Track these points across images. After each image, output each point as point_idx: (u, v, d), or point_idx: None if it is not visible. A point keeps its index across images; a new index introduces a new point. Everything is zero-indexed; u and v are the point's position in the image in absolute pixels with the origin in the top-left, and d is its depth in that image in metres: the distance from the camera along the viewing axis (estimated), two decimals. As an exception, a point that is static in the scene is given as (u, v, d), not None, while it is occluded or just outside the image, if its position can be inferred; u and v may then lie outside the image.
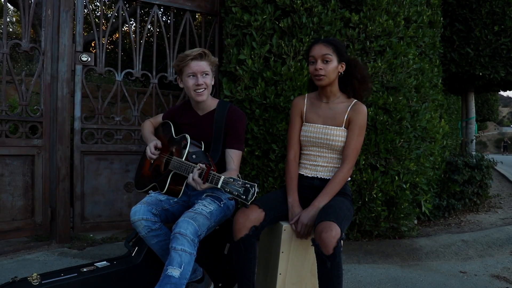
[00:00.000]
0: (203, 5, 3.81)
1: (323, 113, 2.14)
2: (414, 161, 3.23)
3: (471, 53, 4.74)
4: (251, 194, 1.69)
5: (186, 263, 1.83)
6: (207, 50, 2.17)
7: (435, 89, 3.79)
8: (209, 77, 2.17)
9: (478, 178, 4.42)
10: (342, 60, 2.09)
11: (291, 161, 2.20)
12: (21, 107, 3.18)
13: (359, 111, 2.08)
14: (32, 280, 1.98)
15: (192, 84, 2.14)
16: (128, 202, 3.60)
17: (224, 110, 2.20)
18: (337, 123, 2.10)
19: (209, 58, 2.16)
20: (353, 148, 2.07)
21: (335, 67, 2.06)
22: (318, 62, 2.05)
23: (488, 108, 11.79)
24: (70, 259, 2.98)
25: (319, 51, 2.06)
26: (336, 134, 2.09)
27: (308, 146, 2.17)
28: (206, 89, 2.16)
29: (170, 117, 2.43)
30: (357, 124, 2.07)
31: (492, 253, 3.25)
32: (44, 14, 3.25)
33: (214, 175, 1.80)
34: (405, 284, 2.66)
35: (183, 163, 2.05)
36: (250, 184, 1.70)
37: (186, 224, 1.87)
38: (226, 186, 1.74)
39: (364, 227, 3.25)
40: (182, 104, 2.43)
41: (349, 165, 2.07)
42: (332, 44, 2.07)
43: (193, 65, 2.12)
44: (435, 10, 3.99)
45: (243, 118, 2.24)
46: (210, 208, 2.03)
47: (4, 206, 3.11)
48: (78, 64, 3.37)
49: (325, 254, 1.75)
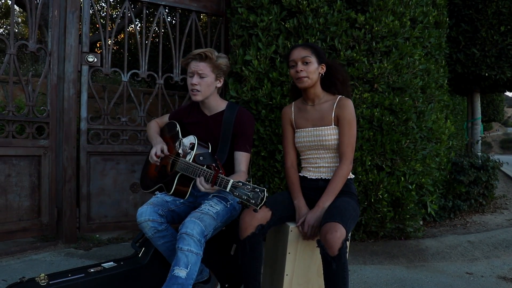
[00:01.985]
0: (209, 5, 3.82)
1: (311, 116, 2.17)
2: (420, 162, 3.22)
3: (477, 54, 4.72)
4: (260, 199, 1.68)
5: (192, 264, 1.83)
6: (213, 52, 2.16)
7: (441, 90, 3.78)
8: (207, 79, 2.16)
9: (484, 179, 4.39)
10: (322, 62, 2.13)
11: (289, 168, 2.24)
12: (27, 107, 3.19)
13: (344, 106, 2.10)
14: (39, 281, 1.99)
15: (189, 83, 2.18)
16: (134, 202, 3.61)
17: (233, 112, 2.21)
18: (326, 122, 2.13)
19: (211, 60, 2.15)
20: (346, 143, 2.09)
21: (316, 68, 2.10)
22: (298, 65, 2.09)
23: (494, 109, 11.72)
24: (76, 260, 2.99)
25: (298, 54, 2.10)
26: (327, 133, 2.11)
27: (305, 151, 2.20)
28: (200, 91, 2.16)
29: (177, 117, 2.42)
30: (345, 119, 2.09)
31: (499, 254, 3.24)
32: (51, 15, 3.27)
33: (222, 179, 1.79)
34: (411, 285, 2.65)
35: (190, 164, 2.04)
36: (260, 188, 1.69)
37: (192, 225, 1.87)
38: (235, 190, 1.73)
39: (370, 228, 3.24)
40: (190, 104, 2.42)
41: (347, 160, 2.08)
42: (310, 47, 2.13)
43: (192, 65, 2.16)
44: (441, 10, 3.98)
45: (252, 121, 2.25)
46: (217, 208, 2.04)
47: (11, 207, 3.13)
48: (84, 65, 3.39)
49: (330, 255, 1.75)
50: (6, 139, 3.08)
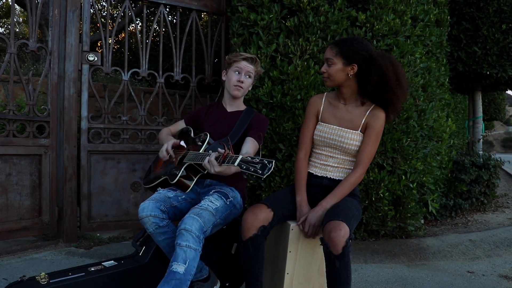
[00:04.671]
0: (209, 4, 3.81)
1: (340, 114, 2.12)
2: (421, 161, 3.21)
3: (478, 52, 4.71)
4: (267, 168, 1.64)
5: (191, 259, 1.85)
6: (258, 60, 2.42)
7: (442, 88, 3.77)
8: (250, 80, 2.40)
9: (485, 178, 4.39)
10: (351, 62, 2.01)
11: (301, 160, 2.18)
12: (28, 106, 3.19)
13: (377, 117, 2.04)
14: (40, 279, 1.99)
15: (235, 79, 2.34)
16: (134, 201, 3.61)
17: (250, 114, 2.39)
18: (354, 126, 2.08)
19: (257, 66, 2.40)
20: (367, 153, 2.05)
21: (338, 69, 2.03)
22: (325, 64, 2.09)
23: (495, 107, 11.71)
24: (77, 258, 2.99)
25: (326, 54, 2.09)
26: (351, 137, 2.06)
27: (320, 146, 2.16)
28: (243, 89, 2.37)
29: (194, 117, 2.53)
30: (375, 130, 2.04)
31: (500, 253, 3.23)
32: (51, 14, 3.26)
33: (231, 156, 1.77)
34: (412, 284, 2.65)
35: (199, 153, 2.08)
36: (268, 160, 1.66)
37: (191, 221, 1.89)
38: (243, 164, 1.69)
39: (371, 226, 3.24)
40: (208, 105, 2.59)
41: (362, 170, 2.05)
42: (337, 47, 2.03)
43: (243, 63, 2.35)
44: (442, 8, 3.96)
45: (267, 122, 2.43)
46: (216, 204, 2.06)
47: (11, 206, 3.13)
48: (85, 64, 3.38)
49: (334, 254, 1.75)
50: (6, 138, 3.08)
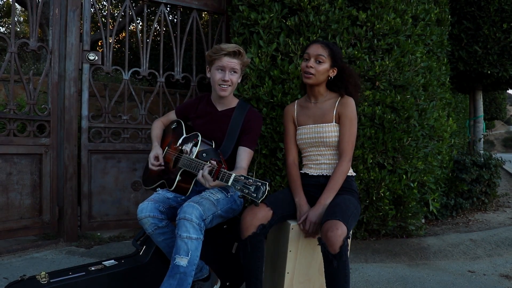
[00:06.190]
0: (210, 3, 3.81)
1: (313, 113, 2.19)
2: (422, 160, 3.21)
3: (479, 51, 4.70)
4: (261, 192, 1.65)
5: (193, 250, 1.84)
6: (242, 49, 2.19)
7: (442, 88, 3.76)
8: (237, 75, 2.21)
9: (486, 177, 4.38)
10: (335, 66, 2.14)
11: (290, 165, 2.24)
12: (28, 106, 3.19)
13: (346, 104, 2.12)
14: (40, 279, 1.99)
15: (219, 78, 2.17)
16: (135, 200, 3.61)
17: (243, 110, 2.25)
18: (327, 119, 2.14)
19: (242, 58, 2.20)
20: (347, 141, 2.10)
21: (326, 69, 2.11)
22: (311, 60, 2.10)
23: (496, 107, 11.72)
24: (77, 258, 2.99)
25: (315, 50, 2.11)
26: (328, 130, 2.12)
27: (306, 148, 2.21)
28: (230, 86, 2.20)
29: (185, 111, 2.44)
30: (347, 117, 2.10)
31: (501, 253, 3.23)
32: (52, 13, 3.26)
33: (224, 173, 1.78)
34: (413, 283, 2.64)
35: (193, 160, 2.04)
36: (261, 182, 1.67)
37: (190, 209, 1.87)
38: (237, 184, 1.71)
39: (372, 226, 3.23)
40: (199, 97, 2.42)
41: (347, 157, 2.09)
42: (329, 48, 2.12)
43: (225, 60, 2.16)
44: (443, 8, 3.96)
45: (261, 120, 2.29)
46: (217, 196, 2.06)
47: (12, 205, 3.13)
48: (86, 63, 3.38)
49: (331, 253, 1.75)
50: (7, 137, 3.08)
